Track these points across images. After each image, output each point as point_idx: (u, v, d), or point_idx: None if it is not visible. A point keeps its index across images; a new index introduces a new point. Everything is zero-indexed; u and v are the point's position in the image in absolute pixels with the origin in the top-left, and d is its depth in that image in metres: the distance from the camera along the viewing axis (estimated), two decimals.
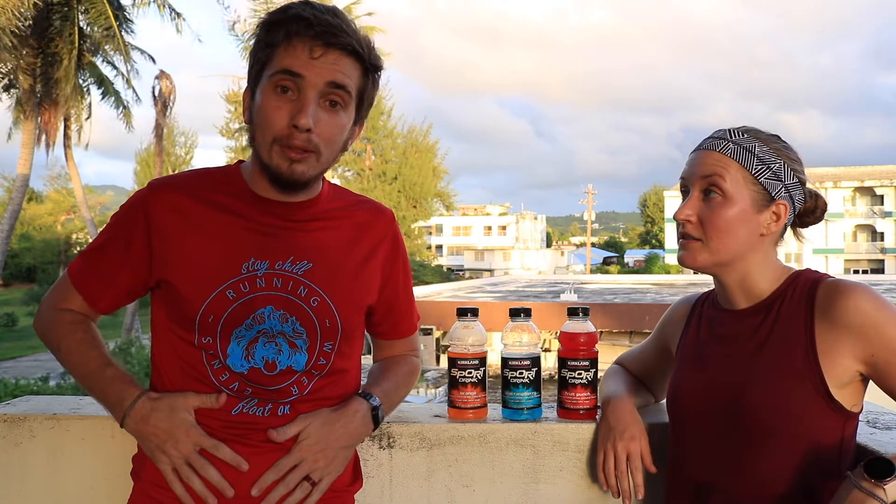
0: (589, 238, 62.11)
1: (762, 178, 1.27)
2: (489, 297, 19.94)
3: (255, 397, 1.28)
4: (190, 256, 1.28)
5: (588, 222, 60.03)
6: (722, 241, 1.27)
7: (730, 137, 1.29)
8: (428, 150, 44.53)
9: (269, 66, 1.23)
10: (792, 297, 1.27)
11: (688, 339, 1.43)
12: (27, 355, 22.84)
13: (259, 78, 1.25)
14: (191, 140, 46.58)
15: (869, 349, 1.18)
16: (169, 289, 1.30)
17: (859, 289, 1.20)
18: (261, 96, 1.24)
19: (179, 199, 1.31)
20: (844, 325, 1.19)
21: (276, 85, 1.22)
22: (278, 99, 1.22)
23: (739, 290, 1.32)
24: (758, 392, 1.24)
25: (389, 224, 1.44)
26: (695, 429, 1.34)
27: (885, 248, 50.25)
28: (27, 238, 37.18)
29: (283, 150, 1.22)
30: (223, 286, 1.26)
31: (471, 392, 1.56)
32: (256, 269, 1.28)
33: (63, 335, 1.36)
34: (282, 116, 1.21)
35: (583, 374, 1.55)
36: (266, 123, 1.22)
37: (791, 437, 1.22)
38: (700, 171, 1.29)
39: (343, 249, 1.36)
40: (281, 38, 1.21)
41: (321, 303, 1.30)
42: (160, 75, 22.33)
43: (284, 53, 1.21)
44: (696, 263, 1.31)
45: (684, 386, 1.38)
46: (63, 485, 1.59)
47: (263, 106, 1.23)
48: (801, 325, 1.24)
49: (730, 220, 1.26)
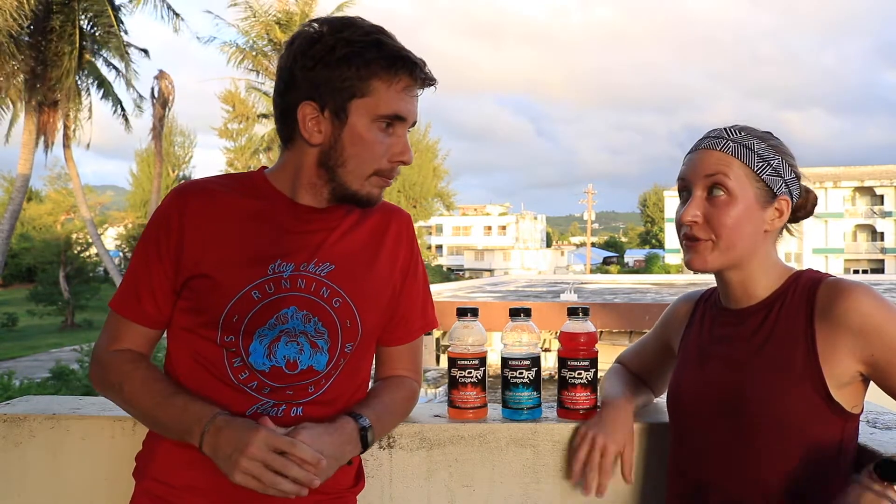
0: (589, 238, 62.12)
1: (764, 175, 1.27)
2: (489, 297, 19.94)
3: (270, 398, 1.28)
4: (218, 259, 1.29)
5: (588, 222, 60.03)
6: (731, 240, 1.26)
7: (728, 136, 1.29)
8: (428, 149, 44.57)
9: (370, 100, 1.26)
10: (793, 297, 1.27)
11: (690, 337, 1.43)
12: (27, 355, 22.84)
13: (347, 104, 1.26)
14: (190, 140, 46.67)
15: (869, 349, 1.18)
16: (193, 289, 1.30)
17: (860, 289, 1.20)
18: (362, 129, 1.27)
19: (206, 202, 1.32)
20: (845, 326, 1.19)
21: (383, 124, 1.28)
22: (383, 135, 1.28)
23: (742, 288, 1.32)
24: (758, 393, 1.24)
25: (406, 223, 1.46)
26: (695, 428, 1.34)
27: (885, 248, 50.25)
28: (27, 238, 37.12)
29: (381, 179, 1.30)
30: (249, 287, 1.28)
31: (471, 392, 1.56)
32: (282, 270, 1.30)
33: (124, 375, 1.32)
34: (384, 152, 1.29)
35: (583, 374, 1.54)
36: (373, 157, 1.28)
37: (791, 438, 1.22)
38: (703, 171, 1.28)
39: (363, 252, 1.37)
40: (376, 71, 1.24)
41: (343, 304, 1.32)
42: (159, 75, 22.35)
43: (390, 92, 1.26)
44: (706, 265, 1.29)
45: (685, 385, 1.38)
46: (63, 485, 1.59)
47: (370, 140, 1.27)
48: (801, 325, 1.23)
49: (738, 218, 1.26)
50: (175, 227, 1.30)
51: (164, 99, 22.29)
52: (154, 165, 23.77)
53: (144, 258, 1.33)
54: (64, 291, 30.83)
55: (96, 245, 23.08)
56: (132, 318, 1.34)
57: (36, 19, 17.10)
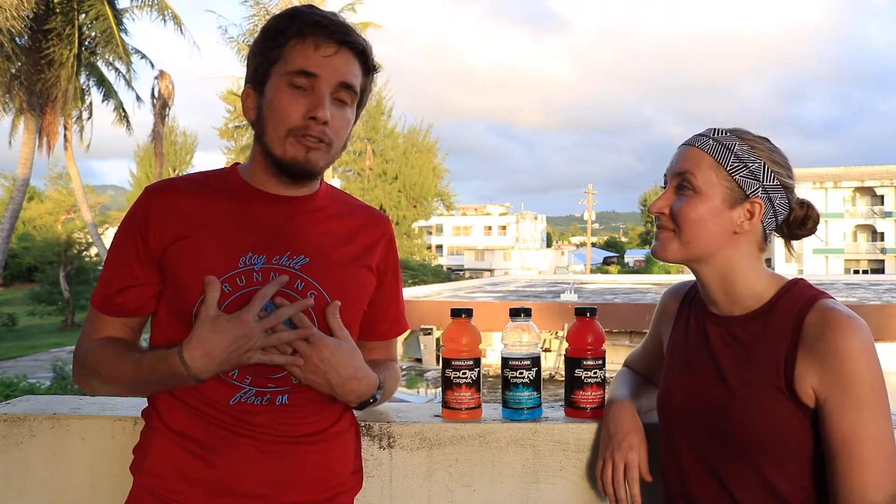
0: (589, 238, 62.12)
1: (736, 175, 1.27)
2: (489, 297, 19.95)
3: (253, 386, 1.29)
4: (188, 252, 1.30)
5: (588, 222, 60.02)
6: (691, 234, 1.28)
7: (711, 135, 1.31)
8: (428, 149, 44.55)
9: (281, 64, 1.27)
10: (781, 315, 1.25)
11: (676, 340, 1.42)
12: (27, 355, 22.84)
13: (266, 75, 1.29)
14: (190, 140, 46.66)
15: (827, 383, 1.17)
16: (168, 284, 1.32)
17: (850, 328, 1.17)
18: (272, 92, 1.28)
19: (176, 199, 1.33)
20: (821, 360, 1.18)
21: (291, 83, 1.27)
22: (292, 93, 1.27)
23: (721, 291, 1.31)
24: (742, 408, 1.23)
25: (386, 226, 1.47)
26: (682, 436, 1.34)
27: (885, 248, 50.25)
28: (27, 238, 37.12)
29: (298, 140, 1.28)
30: (220, 280, 1.27)
31: (465, 393, 1.56)
32: (254, 263, 1.30)
33: (97, 358, 1.33)
34: (297, 109, 1.27)
35: (598, 374, 1.57)
36: (282, 117, 1.27)
37: (774, 454, 1.22)
38: (676, 167, 1.32)
39: (339, 246, 1.37)
40: (292, 35, 1.26)
41: (318, 297, 1.31)
42: (160, 75, 22.33)
43: (297, 52, 1.26)
44: (666, 253, 1.32)
45: (672, 393, 1.38)
46: (63, 485, 1.59)
47: (277, 101, 1.28)
48: (784, 347, 1.22)
49: (699, 214, 1.28)
50: (139, 224, 1.32)
51: (164, 99, 22.28)
52: (154, 166, 23.76)
53: (115, 255, 1.36)
54: (64, 291, 30.81)
55: (97, 245, 23.09)
56: (106, 311, 1.36)
57: (36, 19, 17.10)
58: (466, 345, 1.55)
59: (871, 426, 1.15)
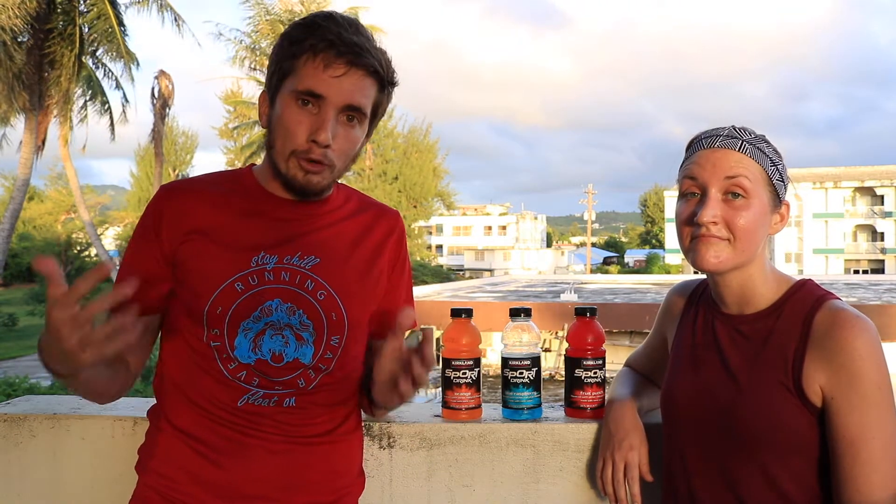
0: (589, 238, 62.14)
1: (774, 180, 1.26)
2: (489, 297, 19.94)
3: (261, 388, 1.29)
4: (201, 252, 1.30)
5: (588, 222, 60.04)
6: (747, 242, 1.24)
7: (741, 135, 1.26)
8: (428, 149, 44.58)
9: (291, 79, 1.26)
10: (790, 314, 1.25)
11: (683, 338, 1.42)
12: (28, 355, 22.84)
13: (280, 86, 1.29)
14: (191, 140, 46.68)
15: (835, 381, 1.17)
16: (180, 284, 1.32)
17: (859, 328, 1.17)
18: (281, 107, 1.28)
19: (190, 198, 1.34)
20: (829, 358, 1.18)
21: (298, 100, 1.26)
22: (299, 112, 1.26)
23: (740, 293, 1.30)
24: (749, 405, 1.23)
25: (396, 223, 1.47)
26: (687, 434, 1.33)
27: (885, 248, 50.26)
28: (27, 238, 37.16)
29: (300, 162, 1.27)
30: (232, 279, 1.28)
31: (465, 393, 1.56)
32: (266, 263, 1.30)
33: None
34: (302, 131, 1.26)
35: (598, 374, 1.57)
36: (287, 137, 1.27)
37: (780, 452, 1.21)
38: (722, 172, 1.24)
39: (350, 247, 1.38)
40: (304, 50, 1.25)
41: (327, 296, 1.32)
42: (159, 75, 22.36)
43: (308, 69, 1.25)
44: (720, 265, 1.25)
45: (678, 390, 1.37)
46: (63, 485, 1.59)
47: (284, 118, 1.27)
48: (792, 346, 1.22)
49: (756, 222, 1.24)
50: (154, 223, 1.32)
51: (164, 99, 22.30)
52: (154, 166, 23.77)
53: (131, 254, 1.35)
54: None
55: (95, 246, 23.09)
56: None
57: (37, 19, 17.10)
58: (466, 345, 1.56)
59: (878, 425, 1.15)
